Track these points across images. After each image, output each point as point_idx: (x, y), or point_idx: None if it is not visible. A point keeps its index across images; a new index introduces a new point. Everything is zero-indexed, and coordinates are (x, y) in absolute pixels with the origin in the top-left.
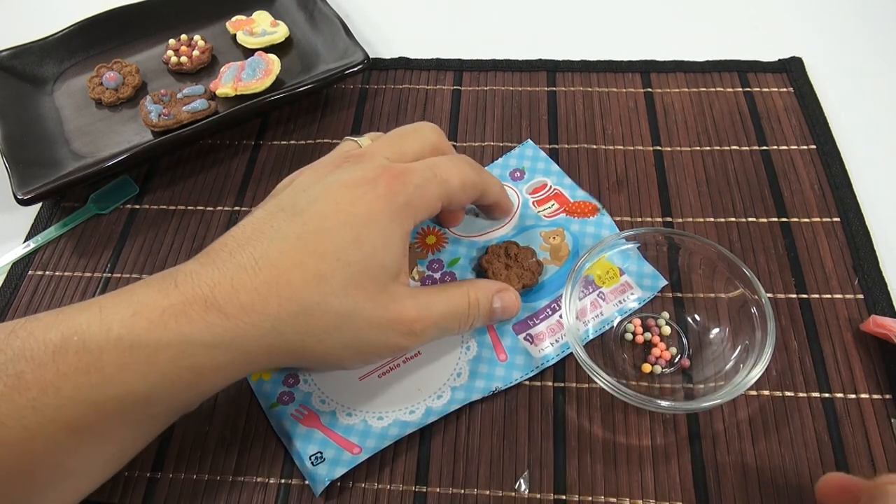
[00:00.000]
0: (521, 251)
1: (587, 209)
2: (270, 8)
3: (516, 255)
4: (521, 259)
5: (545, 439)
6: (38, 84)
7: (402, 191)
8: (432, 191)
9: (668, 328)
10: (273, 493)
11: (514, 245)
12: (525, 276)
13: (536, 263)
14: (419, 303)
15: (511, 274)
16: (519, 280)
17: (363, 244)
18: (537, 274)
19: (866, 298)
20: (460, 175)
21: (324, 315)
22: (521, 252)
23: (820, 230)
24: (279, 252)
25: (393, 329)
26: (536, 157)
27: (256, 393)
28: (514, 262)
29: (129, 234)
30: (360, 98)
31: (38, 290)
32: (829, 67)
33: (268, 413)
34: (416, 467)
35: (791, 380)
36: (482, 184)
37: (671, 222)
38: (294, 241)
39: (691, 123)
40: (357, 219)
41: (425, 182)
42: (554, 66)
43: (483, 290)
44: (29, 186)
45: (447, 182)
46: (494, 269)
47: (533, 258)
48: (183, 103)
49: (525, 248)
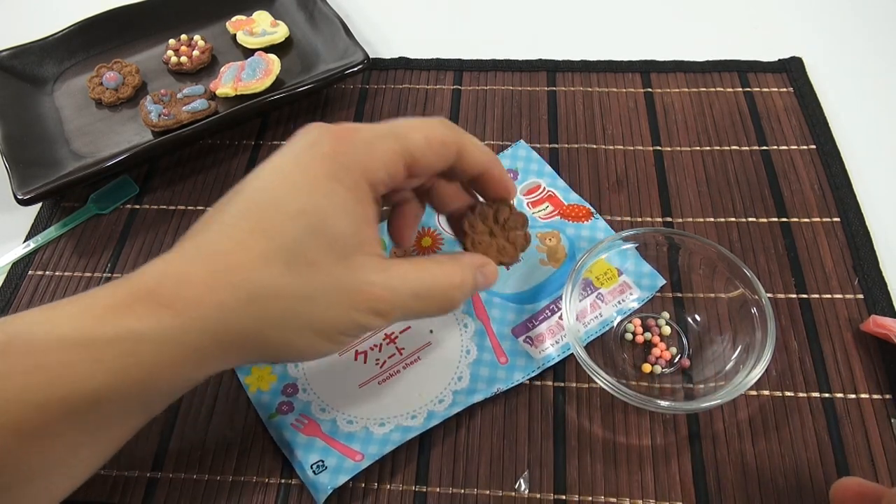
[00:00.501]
0: (512, 217)
1: (581, 213)
2: (270, 8)
3: (505, 221)
4: (509, 227)
5: (545, 439)
6: (38, 84)
7: (347, 150)
8: (387, 146)
9: (668, 328)
10: (273, 493)
11: (507, 208)
12: (505, 253)
13: (524, 237)
14: (389, 277)
15: (493, 244)
16: (499, 255)
17: (308, 214)
18: (520, 250)
19: (866, 298)
20: (425, 129)
21: (276, 299)
22: (512, 218)
23: (820, 230)
24: (221, 235)
25: (355, 307)
26: (529, 157)
27: (255, 404)
28: (501, 230)
29: (129, 234)
30: (360, 98)
31: (39, 290)
32: (829, 67)
33: (267, 424)
34: (416, 467)
35: (791, 380)
36: (456, 143)
37: (671, 222)
38: (236, 222)
39: (691, 123)
40: (299, 186)
41: (376, 138)
42: (554, 66)
43: (469, 266)
44: (29, 186)
45: (405, 137)
46: (477, 235)
47: (522, 230)
48: (183, 103)
49: (517, 215)
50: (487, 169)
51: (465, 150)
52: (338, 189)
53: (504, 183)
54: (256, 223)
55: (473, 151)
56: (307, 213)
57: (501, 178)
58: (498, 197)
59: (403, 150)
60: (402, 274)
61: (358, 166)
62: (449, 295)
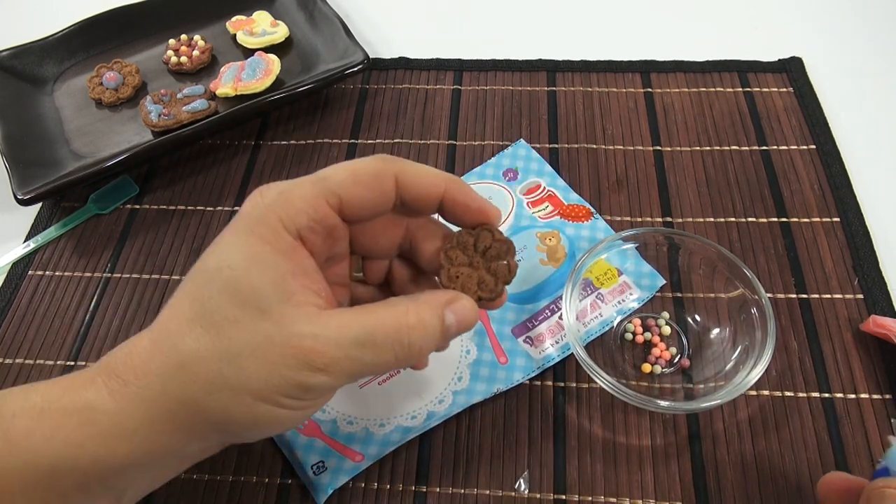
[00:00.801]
0: (495, 245)
1: (581, 213)
2: (270, 8)
3: (486, 249)
4: (491, 256)
5: (545, 439)
6: (38, 84)
7: (260, 201)
8: (303, 190)
9: (668, 328)
10: (273, 493)
11: (489, 234)
12: (486, 287)
13: (507, 267)
14: (324, 327)
15: (472, 276)
16: (478, 289)
17: (223, 270)
18: (503, 282)
19: (866, 298)
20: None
21: (199, 363)
22: (495, 246)
23: (820, 230)
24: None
25: (286, 364)
26: (529, 157)
27: None
28: (482, 259)
29: (129, 234)
30: (360, 98)
31: (39, 290)
32: (829, 67)
33: None
34: (416, 467)
35: (791, 380)
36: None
37: (671, 222)
38: (179, 291)
39: (691, 123)
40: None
41: (293, 185)
42: (554, 66)
43: (429, 305)
44: (29, 186)
45: (327, 178)
46: (455, 267)
47: (506, 259)
48: (183, 103)
49: (500, 242)
50: (445, 192)
51: (405, 179)
52: (252, 241)
53: (475, 205)
54: (189, 286)
55: (417, 176)
56: (222, 269)
57: (469, 201)
58: (476, 223)
59: (325, 191)
60: (340, 322)
61: (273, 216)
62: (401, 339)
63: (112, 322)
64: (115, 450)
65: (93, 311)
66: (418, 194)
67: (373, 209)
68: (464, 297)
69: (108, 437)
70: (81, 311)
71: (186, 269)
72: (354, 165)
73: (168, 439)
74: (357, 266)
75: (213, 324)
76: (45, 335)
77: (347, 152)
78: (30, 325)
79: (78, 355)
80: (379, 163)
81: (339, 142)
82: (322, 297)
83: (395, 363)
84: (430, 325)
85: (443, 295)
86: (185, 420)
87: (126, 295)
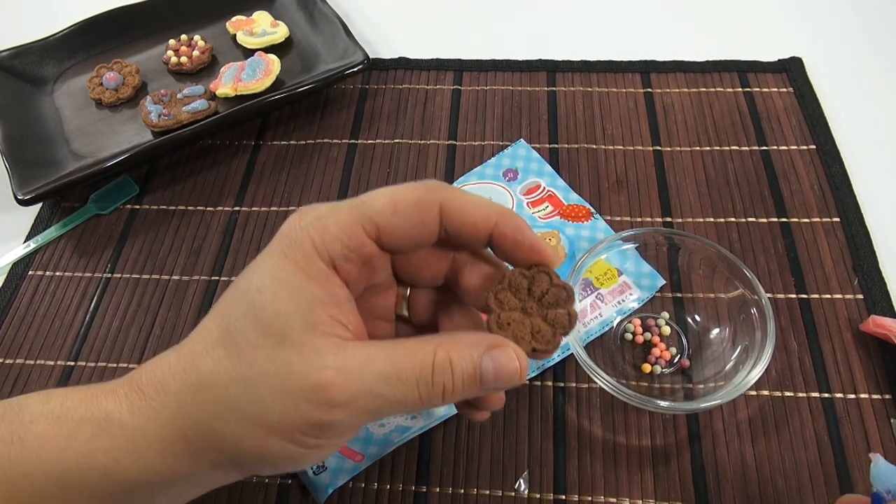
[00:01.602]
0: (554, 290)
1: (581, 213)
2: (270, 8)
3: (542, 295)
4: (548, 304)
5: (545, 439)
6: (39, 84)
7: (296, 224)
8: (340, 216)
9: (668, 328)
10: (273, 493)
11: (547, 277)
12: (541, 337)
13: (566, 317)
14: (347, 360)
15: (525, 324)
16: (532, 339)
17: (250, 291)
18: (561, 333)
19: (866, 298)
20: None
21: (215, 387)
22: (552, 292)
23: (820, 230)
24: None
25: (304, 397)
26: (529, 157)
27: None
28: (538, 305)
29: (129, 234)
30: (360, 98)
31: (39, 291)
32: (829, 67)
33: None
34: (417, 467)
35: (791, 380)
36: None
37: (671, 222)
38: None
39: (691, 123)
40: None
41: (330, 210)
42: (554, 66)
43: (464, 345)
44: (29, 186)
45: (365, 204)
46: (505, 312)
47: (565, 307)
48: (183, 103)
49: (559, 287)
50: (495, 227)
51: (450, 209)
52: (283, 265)
53: (529, 243)
54: (220, 306)
55: (463, 207)
56: (250, 291)
57: (520, 238)
58: (530, 263)
59: (362, 218)
60: (364, 354)
61: (308, 241)
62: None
63: (112, 322)
64: (126, 465)
65: (93, 312)
66: (465, 227)
67: (413, 241)
68: (509, 345)
69: (121, 452)
70: (81, 312)
71: (186, 269)
72: (395, 192)
73: (179, 463)
74: (403, 303)
75: (235, 346)
76: (46, 335)
77: (347, 152)
78: (30, 325)
79: (78, 355)
80: (422, 191)
81: (339, 142)
82: (350, 329)
83: (421, 404)
84: (460, 368)
85: (484, 338)
86: (197, 444)
87: (126, 295)
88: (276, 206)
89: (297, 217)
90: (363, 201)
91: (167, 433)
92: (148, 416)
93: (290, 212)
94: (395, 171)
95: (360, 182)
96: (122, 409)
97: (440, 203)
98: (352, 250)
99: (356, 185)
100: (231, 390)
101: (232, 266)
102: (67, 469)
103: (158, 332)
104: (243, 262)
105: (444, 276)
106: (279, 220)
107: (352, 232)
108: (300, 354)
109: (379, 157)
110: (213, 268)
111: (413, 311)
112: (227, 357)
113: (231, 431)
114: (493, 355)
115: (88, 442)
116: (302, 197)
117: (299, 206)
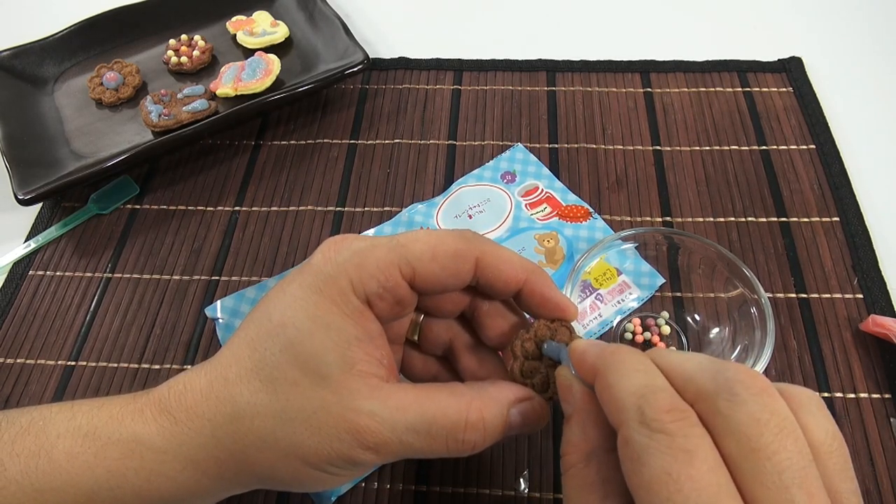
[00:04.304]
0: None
1: (579, 213)
2: (270, 8)
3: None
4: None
5: (545, 439)
6: (39, 84)
7: (333, 257)
8: (379, 254)
9: (668, 328)
10: (273, 492)
11: (567, 332)
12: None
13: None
14: (382, 405)
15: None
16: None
17: (287, 327)
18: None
19: (865, 298)
20: (432, 239)
21: (254, 418)
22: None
23: (819, 230)
24: (231, 344)
25: (339, 437)
26: (527, 160)
27: None
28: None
29: (129, 234)
30: (360, 98)
31: (39, 291)
32: (829, 67)
33: None
34: (417, 466)
35: (790, 379)
36: (473, 255)
37: (671, 222)
38: (241, 334)
39: (691, 123)
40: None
41: (370, 247)
42: (554, 66)
43: (495, 402)
44: (29, 186)
45: (404, 246)
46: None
47: None
48: (183, 103)
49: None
50: (524, 284)
51: (486, 264)
52: (319, 302)
53: (553, 300)
54: (251, 333)
55: (498, 265)
56: (287, 326)
57: (548, 295)
58: (552, 316)
59: (400, 259)
60: (399, 403)
61: (345, 277)
62: (457, 435)
63: (112, 322)
64: (158, 486)
65: (93, 312)
66: (497, 283)
67: (445, 287)
68: (535, 398)
69: (153, 475)
70: (82, 312)
71: (187, 269)
72: (436, 241)
73: (211, 484)
74: (414, 329)
75: (272, 380)
76: (46, 335)
77: (347, 152)
78: (30, 325)
79: (78, 355)
80: (461, 242)
81: (339, 142)
82: (385, 364)
83: (446, 454)
84: (492, 426)
85: (511, 391)
86: (231, 469)
87: (126, 295)
88: (276, 206)
89: (332, 250)
90: (402, 244)
91: (200, 458)
92: (180, 442)
93: (290, 212)
94: (395, 171)
95: (360, 182)
96: (150, 431)
97: (477, 256)
98: (387, 290)
99: (356, 185)
100: (269, 423)
101: (232, 266)
102: (97, 486)
103: (159, 332)
104: (243, 262)
105: (461, 311)
106: (279, 220)
107: (389, 273)
108: (337, 395)
109: (379, 158)
110: (214, 268)
111: (424, 338)
112: (263, 390)
113: (267, 461)
114: (521, 409)
115: (118, 461)
116: (302, 197)
117: (299, 206)
